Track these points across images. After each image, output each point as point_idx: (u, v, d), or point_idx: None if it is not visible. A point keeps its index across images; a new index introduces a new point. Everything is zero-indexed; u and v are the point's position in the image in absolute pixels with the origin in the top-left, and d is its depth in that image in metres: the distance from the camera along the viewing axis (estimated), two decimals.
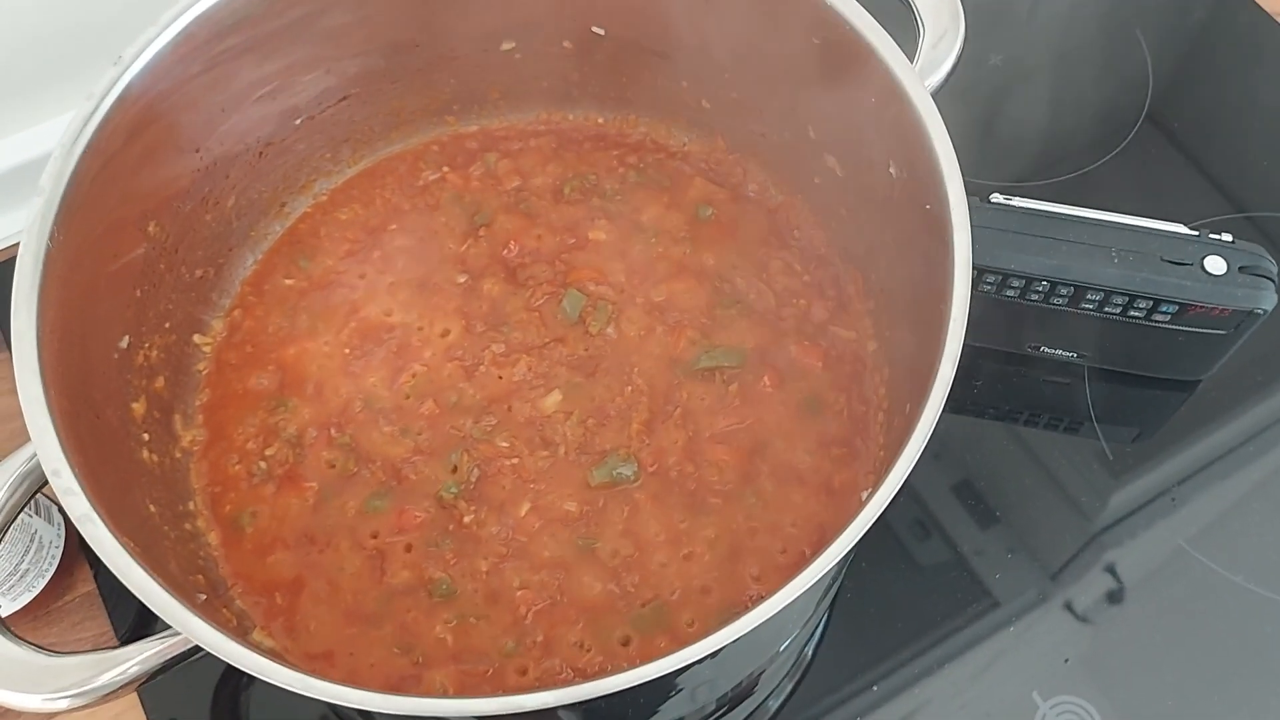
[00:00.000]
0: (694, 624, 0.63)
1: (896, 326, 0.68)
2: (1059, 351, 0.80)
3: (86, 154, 0.60)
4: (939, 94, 0.62)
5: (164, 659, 0.52)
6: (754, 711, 0.72)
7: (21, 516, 0.69)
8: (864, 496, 0.56)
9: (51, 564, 0.72)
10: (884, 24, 0.62)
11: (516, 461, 0.68)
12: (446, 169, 0.81)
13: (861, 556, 0.75)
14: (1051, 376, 0.83)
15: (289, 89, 0.73)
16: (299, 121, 0.75)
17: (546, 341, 0.72)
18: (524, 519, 0.66)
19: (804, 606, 0.64)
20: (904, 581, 0.76)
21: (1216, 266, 0.71)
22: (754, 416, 0.69)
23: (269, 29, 0.68)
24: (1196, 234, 0.73)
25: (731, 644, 0.47)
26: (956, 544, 0.77)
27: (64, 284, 0.58)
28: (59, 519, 0.74)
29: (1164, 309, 0.72)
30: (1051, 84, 0.97)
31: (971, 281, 0.55)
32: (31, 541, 0.71)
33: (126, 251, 0.66)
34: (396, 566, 0.65)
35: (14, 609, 0.71)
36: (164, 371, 0.69)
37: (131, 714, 0.71)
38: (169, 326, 0.70)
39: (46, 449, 0.53)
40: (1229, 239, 0.73)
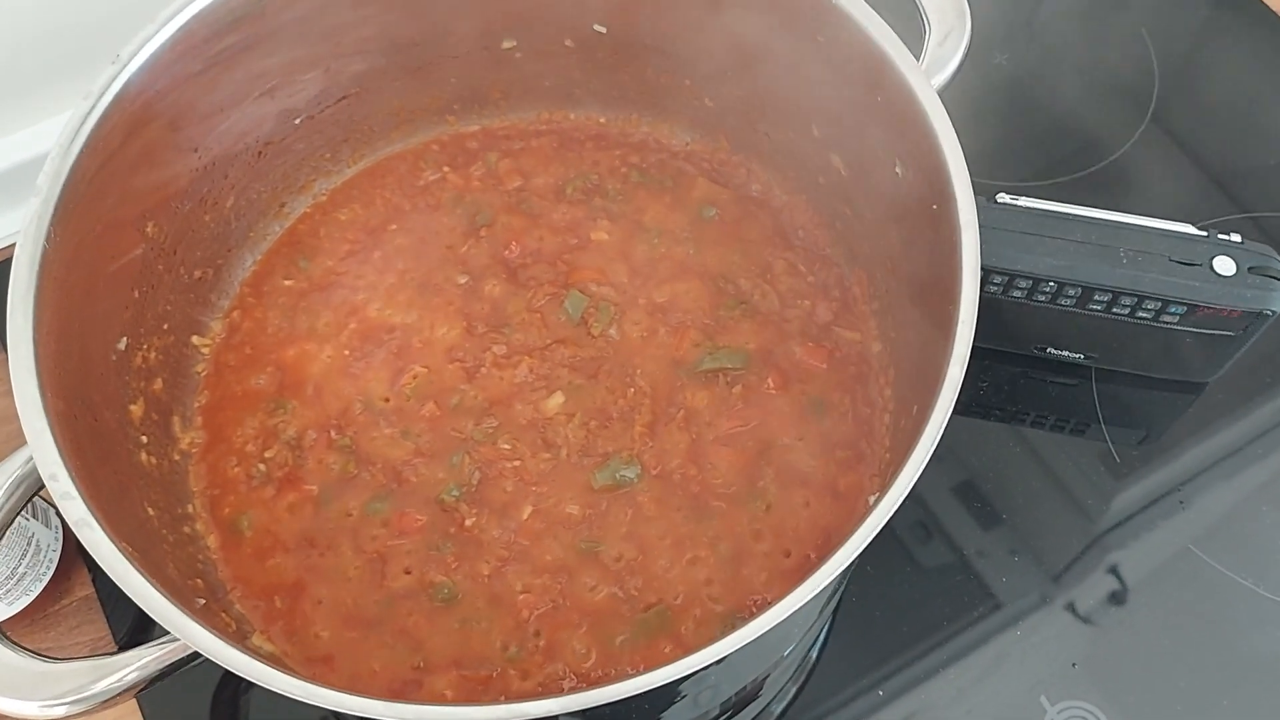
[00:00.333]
0: (698, 628, 0.63)
1: (902, 328, 0.68)
2: (1065, 353, 0.80)
3: (84, 153, 0.60)
4: (945, 92, 0.61)
5: (162, 665, 0.51)
6: (758, 716, 0.71)
7: (18, 520, 0.68)
8: (871, 501, 0.55)
9: (49, 568, 0.72)
10: (889, 22, 0.62)
11: (518, 464, 0.68)
12: (447, 169, 0.80)
13: (865, 559, 0.74)
14: (1058, 378, 0.82)
15: (288, 88, 0.72)
16: (298, 121, 0.75)
17: (548, 343, 0.72)
18: (526, 522, 0.66)
19: (810, 611, 0.63)
20: (907, 583, 0.75)
21: (1226, 267, 0.71)
22: (758, 419, 0.69)
23: (268, 27, 0.68)
24: (1205, 234, 0.73)
25: (736, 651, 0.47)
26: (959, 546, 0.76)
27: (61, 285, 0.58)
28: (56, 522, 0.74)
29: (1172, 310, 0.72)
30: (1056, 83, 0.96)
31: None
32: (29, 545, 0.70)
33: (124, 252, 0.65)
34: (397, 570, 0.65)
35: (10, 613, 0.71)
36: (162, 373, 0.69)
37: (130, 719, 0.70)
38: (167, 328, 0.70)
39: (43, 452, 0.52)
40: (1238, 239, 0.73)
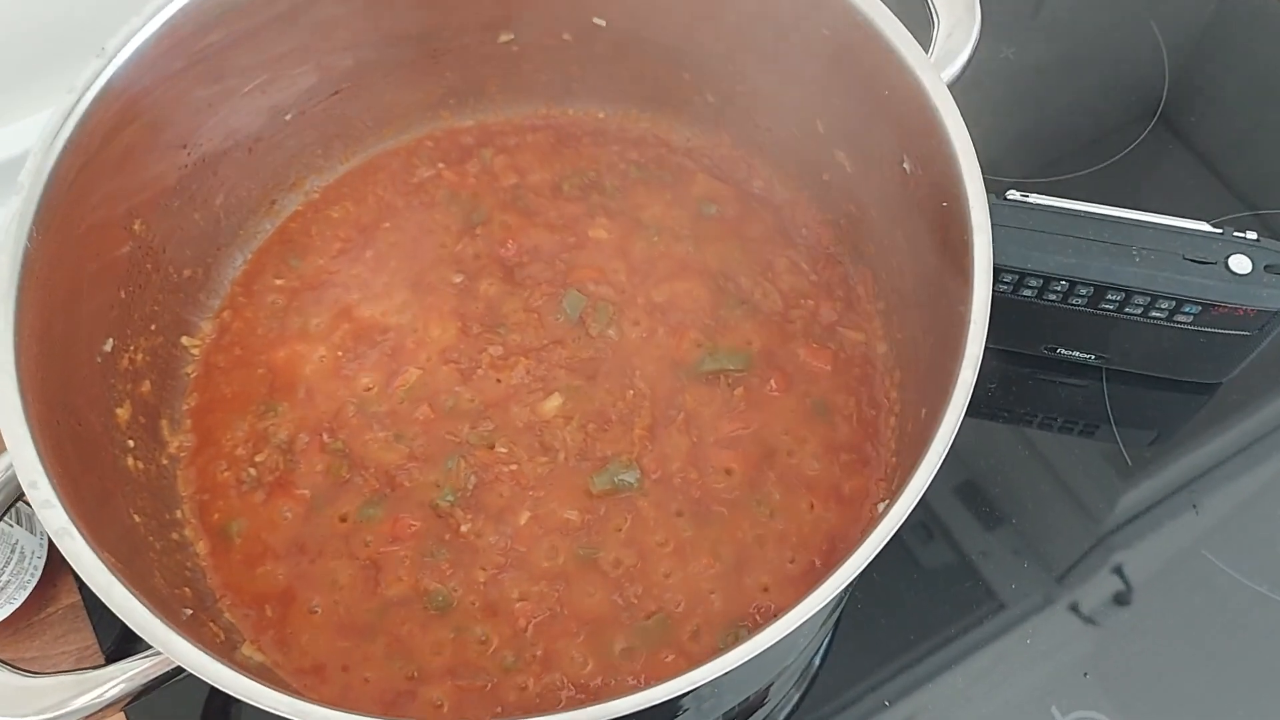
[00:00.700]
0: (699, 637, 0.62)
1: (909, 328, 0.67)
2: (1076, 353, 0.79)
3: (68, 150, 0.59)
4: (954, 86, 0.60)
5: (148, 679, 0.50)
6: None
7: (1, 526, 0.67)
8: (880, 508, 0.54)
9: (33, 575, 0.71)
10: (897, 13, 0.61)
11: (515, 468, 0.67)
12: (442, 165, 0.79)
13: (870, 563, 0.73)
14: (1068, 379, 0.81)
15: (279, 83, 0.71)
16: (289, 117, 0.74)
17: (545, 343, 0.71)
18: (523, 528, 0.65)
19: (817, 619, 0.62)
20: (911, 587, 0.75)
21: (1241, 265, 0.70)
22: (760, 421, 0.68)
23: (257, 21, 0.67)
24: (1220, 232, 0.72)
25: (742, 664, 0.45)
26: (963, 548, 0.76)
27: (44, 285, 0.57)
28: (41, 528, 0.72)
29: (1187, 309, 0.71)
30: (1065, 78, 0.96)
31: None
32: (12, 552, 0.69)
33: (110, 251, 0.64)
34: (391, 577, 0.64)
35: None
36: (150, 375, 0.68)
37: None
38: (155, 328, 0.69)
39: (23, 459, 0.51)
40: (1254, 237, 0.72)
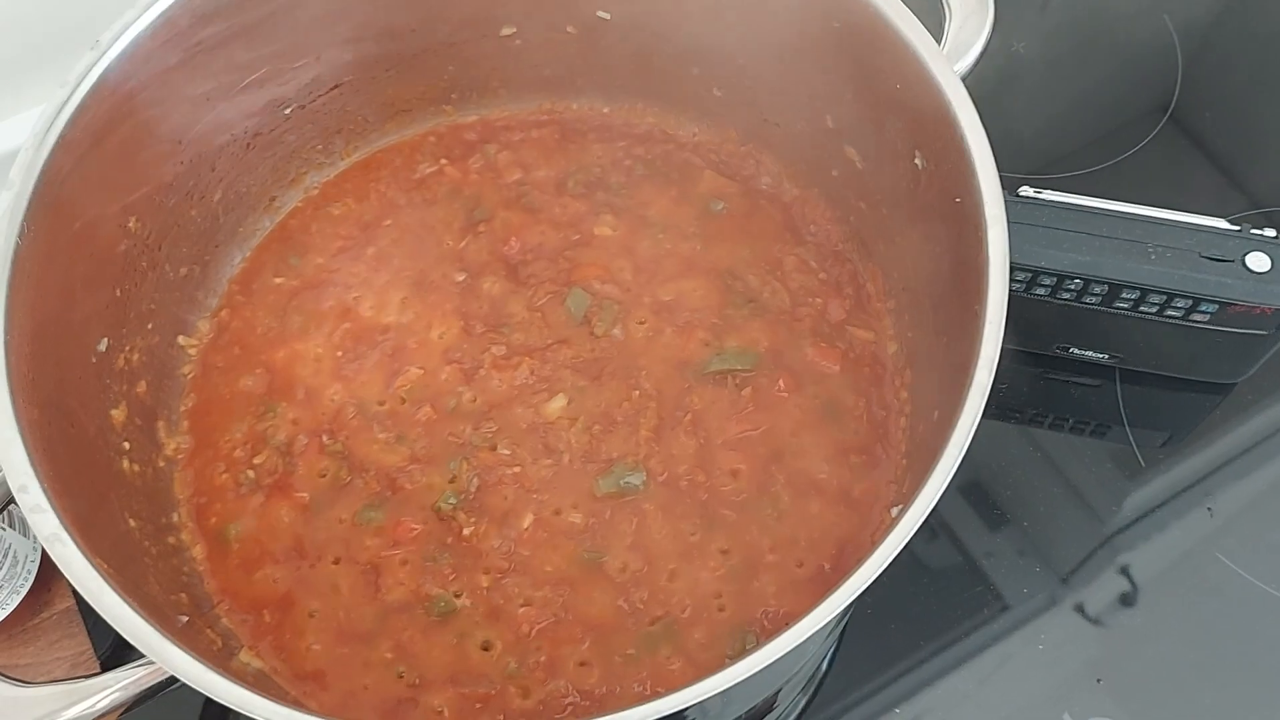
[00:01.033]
0: (706, 643, 0.62)
1: (920, 327, 0.66)
2: (1089, 352, 0.78)
3: (61, 145, 0.59)
4: (966, 80, 0.59)
5: (142, 688, 0.50)
6: None
7: None
8: (894, 512, 0.52)
9: (27, 579, 0.70)
10: (909, 5, 0.60)
11: (518, 470, 0.66)
12: (444, 161, 0.79)
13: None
14: (1079, 378, 0.81)
15: (277, 77, 0.71)
16: (288, 111, 0.73)
17: (550, 343, 0.70)
18: (526, 531, 0.64)
19: (828, 625, 0.61)
20: (917, 588, 0.74)
21: (1260, 263, 0.69)
22: (768, 422, 0.67)
23: (255, 14, 0.67)
24: (1238, 229, 0.71)
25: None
26: (969, 549, 0.75)
27: (36, 283, 0.57)
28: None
29: (1203, 308, 0.70)
30: (1076, 72, 0.95)
31: None
32: (4, 556, 0.69)
33: (105, 248, 0.64)
34: (392, 582, 0.64)
35: None
36: (146, 375, 0.67)
37: None
38: (151, 328, 0.68)
39: (13, 463, 0.51)
40: (1273, 234, 0.71)
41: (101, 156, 0.61)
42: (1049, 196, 0.73)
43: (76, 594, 0.71)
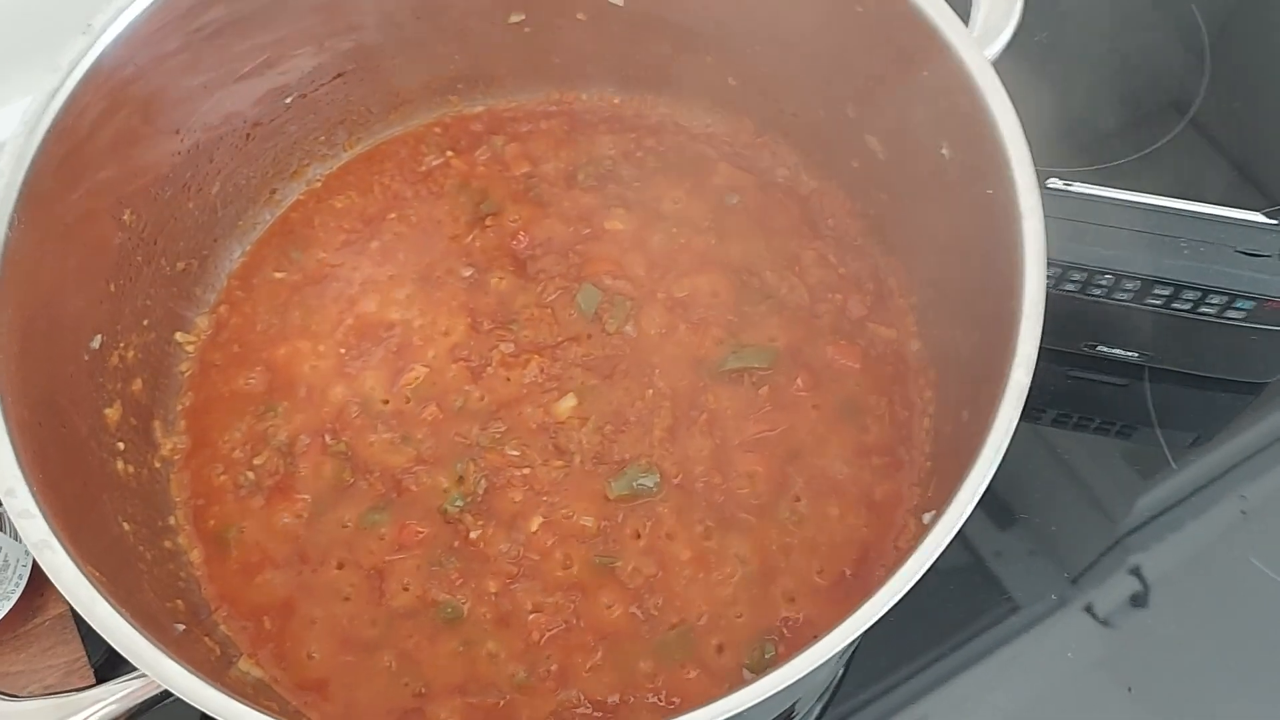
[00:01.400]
0: (723, 652, 0.61)
1: (945, 324, 0.65)
2: (1118, 350, 0.77)
3: (52, 134, 0.58)
4: (995, 66, 0.58)
5: (136, 701, 0.49)
6: None
7: None
8: (926, 519, 0.51)
9: (19, 584, 0.69)
10: None
11: (528, 472, 0.65)
12: (450, 153, 0.78)
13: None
14: (1108, 377, 0.80)
15: (278, 65, 0.71)
16: (290, 101, 0.73)
17: (560, 340, 0.70)
18: (536, 535, 0.64)
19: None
20: (931, 593, 0.71)
21: None
22: (786, 422, 0.67)
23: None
24: (1274, 222, 0.70)
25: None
26: (979, 551, 0.75)
27: (27, 278, 0.56)
28: None
29: (1239, 305, 0.69)
30: (1104, 61, 0.93)
31: None
32: None
33: (98, 242, 0.63)
34: (396, 587, 0.63)
35: None
36: (142, 373, 0.67)
37: None
38: (148, 324, 0.68)
39: (0, 465, 0.50)
40: None
41: (95, 146, 0.61)
42: (1079, 189, 0.72)
43: None
